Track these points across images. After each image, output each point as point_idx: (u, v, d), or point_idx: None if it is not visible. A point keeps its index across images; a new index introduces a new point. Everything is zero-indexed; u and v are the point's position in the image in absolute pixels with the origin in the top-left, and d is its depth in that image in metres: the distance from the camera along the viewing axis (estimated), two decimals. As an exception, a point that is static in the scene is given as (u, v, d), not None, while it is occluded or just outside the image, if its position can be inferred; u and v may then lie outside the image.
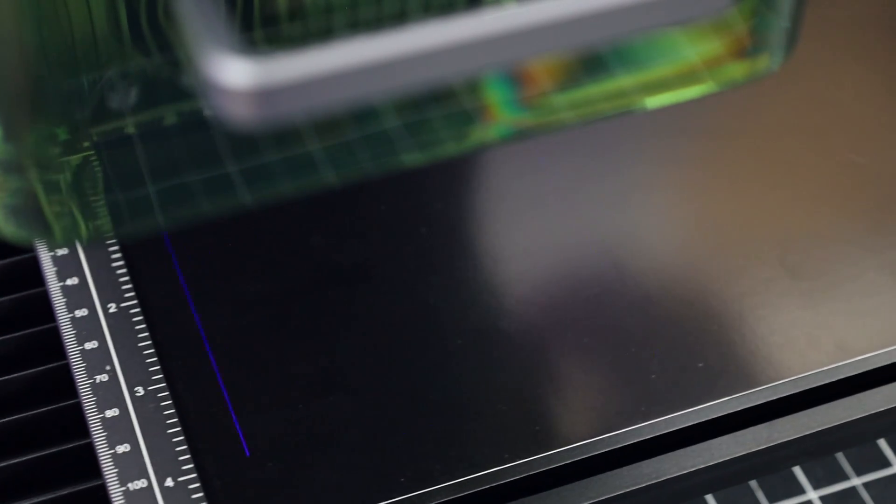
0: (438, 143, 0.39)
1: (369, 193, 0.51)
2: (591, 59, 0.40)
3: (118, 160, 0.38)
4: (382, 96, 0.31)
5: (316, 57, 0.31)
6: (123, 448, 0.44)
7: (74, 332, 0.47)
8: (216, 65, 0.30)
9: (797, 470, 0.59)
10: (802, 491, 0.59)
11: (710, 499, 0.58)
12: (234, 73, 0.30)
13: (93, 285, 0.48)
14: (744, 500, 0.58)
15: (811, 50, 0.56)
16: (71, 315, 0.47)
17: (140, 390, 0.46)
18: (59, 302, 0.48)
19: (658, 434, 0.46)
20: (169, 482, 0.44)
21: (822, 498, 0.59)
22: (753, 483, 0.59)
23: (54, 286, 0.48)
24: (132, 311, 0.48)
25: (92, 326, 0.47)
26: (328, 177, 0.38)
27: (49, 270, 0.48)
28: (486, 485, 0.44)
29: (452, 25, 0.31)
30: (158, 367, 0.46)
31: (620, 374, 0.47)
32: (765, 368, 0.47)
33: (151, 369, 0.46)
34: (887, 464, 0.60)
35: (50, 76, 0.37)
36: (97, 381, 0.46)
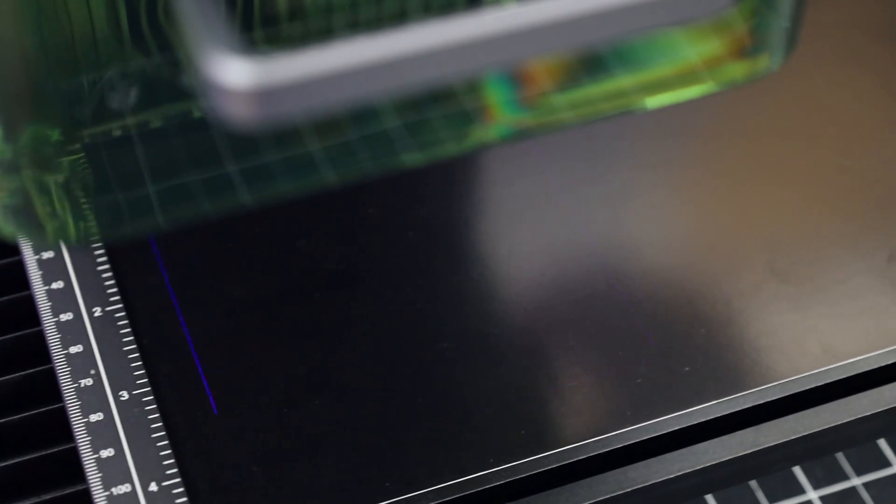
0: (438, 143, 0.39)
1: (357, 197, 0.51)
2: (591, 59, 0.40)
3: (118, 160, 0.38)
4: (382, 96, 0.31)
5: (316, 57, 0.31)
6: (107, 452, 0.44)
7: (59, 336, 0.47)
8: (216, 65, 0.30)
9: (797, 470, 0.59)
10: (802, 491, 0.59)
11: (710, 499, 0.58)
12: (234, 73, 0.30)
13: (78, 289, 0.48)
14: (744, 500, 0.58)
15: (800, 53, 0.55)
16: (56, 319, 0.47)
17: (125, 394, 0.46)
18: (45, 306, 0.48)
19: (645, 438, 0.46)
20: (153, 487, 0.44)
21: (822, 498, 0.59)
22: (753, 483, 0.59)
23: (39, 290, 0.48)
24: (117, 315, 0.47)
25: (77, 330, 0.47)
26: (328, 177, 0.38)
27: (34, 274, 0.48)
28: (472, 489, 0.44)
29: (452, 25, 0.31)
30: (143, 372, 0.46)
31: (607, 378, 0.47)
32: (752, 372, 0.47)
33: (136, 373, 0.46)
34: (887, 464, 0.60)
35: (50, 76, 0.37)
36: (82, 386, 0.46)
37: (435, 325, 0.48)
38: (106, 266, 0.49)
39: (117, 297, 0.48)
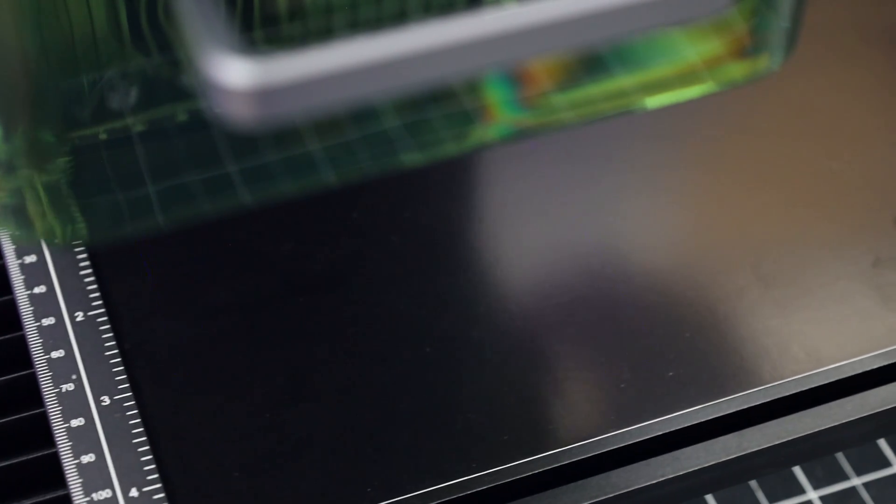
0: (438, 143, 0.39)
1: (340, 201, 0.51)
2: (591, 59, 0.40)
3: (118, 160, 0.38)
4: (382, 96, 0.31)
5: (316, 57, 0.31)
6: (88, 458, 0.44)
7: (41, 341, 0.47)
8: (216, 65, 0.30)
9: (797, 470, 0.59)
10: (802, 491, 0.59)
11: (710, 499, 0.58)
12: (234, 73, 0.30)
13: (60, 294, 0.48)
14: (744, 500, 0.58)
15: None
16: (38, 323, 0.47)
17: (106, 399, 0.45)
18: (27, 310, 0.47)
19: (628, 443, 0.45)
20: (133, 492, 0.44)
21: (822, 498, 0.59)
22: (753, 483, 0.59)
23: (22, 294, 0.48)
24: (99, 320, 0.47)
25: (59, 335, 0.47)
26: (328, 177, 0.38)
27: (17, 279, 0.48)
28: (454, 494, 0.44)
29: (452, 25, 0.31)
30: (125, 377, 0.46)
31: (591, 383, 0.47)
32: (736, 377, 0.47)
33: (118, 378, 0.46)
34: (887, 464, 0.60)
35: (50, 76, 0.37)
36: (63, 391, 0.46)
37: (419, 329, 0.48)
38: (89, 270, 0.48)
39: (100, 302, 0.48)
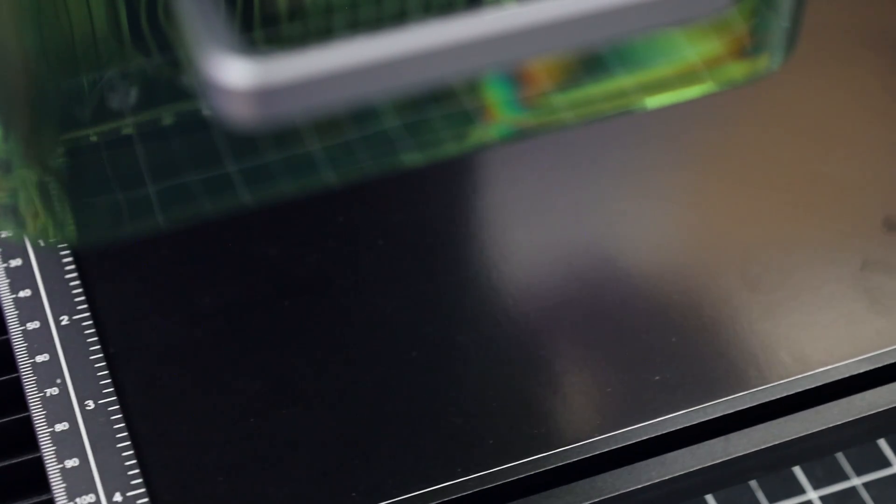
0: (438, 143, 0.39)
1: (327, 205, 0.51)
2: (591, 59, 0.40)
3: (118, 160, 0.38)
4: (382, 96, 0.31)
5: (316, 57, 0.31)
6: (72, 462, 0.44)
7: (26, 346, 0.46)
8: (216, 65, 0.30)
9: (797, 470, 0.59)
10: (802, 491, 0.59)
11: (710, 499, 0.58)
12: (234, 73, 0.30)
13: (45, 297, 0.48)
14: (744, 500, 0.58)
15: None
16: (23, 328, 0.47)
17: (90, 404, 0.45)
18: (12, 314, 0.47)
19: (614, 448, 0.45)
20: (118, 497, 0.43)
21: (822, 498, 0.59)
22: (753, 483, 0.59)
23: (7, 298, 0.48)
24: (84, 324, 0.47)
25: (44, 339, 0.47)
26: (328, 177, 0.38)
27: (2, 282, 0.48)
28: (439, 499, 0.44)
29: (452, 25, 0.31)
30: (109, 381, 0.46)
31: (577, 387, 0.47)
32: (722, 381, 0.47)
33: (102, 382, 0.46)
34: (887, 464, 0.60)
35: (50, 76, 0.37)
36: (47, 395, 0.45)
37: (406, 333, 0.48)
38: (74, 274, 0.48)
39: (85, 306, 0.48)
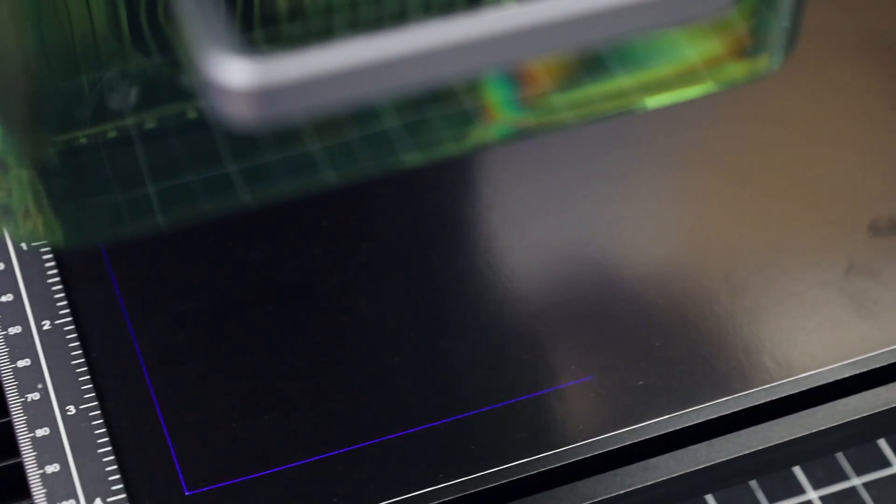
0: (438, 143, 0.39)
1: (310, 209, 0.51)
2: (591, 59, 0.40)
3: (118, 160, 0.38)
4: (382, 96, 0.31)
5: (316, 57, 0.31)
6: (53, 468, 0.44)
7: (7, 350, 0.46)
8: (216, 65, 0.30)
9: (797, 470, 0.59)
10: (802, 491, 0.59)
11: (710, 499, 0.58)
12: (234, 73, 0.30)
13: (27, 302, 0.48)
14: (744, 500, 0.58)
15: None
16: (4, 332, 0.47)
17: (72, 409, 0.45)
18: None
19: (596, 453, 0.45)
20: (97, 502, 0.43)
21: (822, 498, 0.59)
22: (753, 483, 0.59)
23: None
24: (66, 329, 0.47)
25: (25, 344, 0.47)
26: (328, 177, 0.38)
27: (-17, 288, 0.48)
28: None
29: (452, 25, 0.31)
30: (91, 386, 0.46)
31: (560, 393, 0.46)
32: (706, 386, 0.47)
33: (84, 388, 0.46)
34: (887, 464, 0.60)
35: (50, 76, 0.37)
36: (29, 400, 0.45)
37: (388, 338, 0.48)
38: (56, 279, 0.48)
39: (67, 311, 0.47)
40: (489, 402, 0.46)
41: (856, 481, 0.59)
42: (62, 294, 0.48)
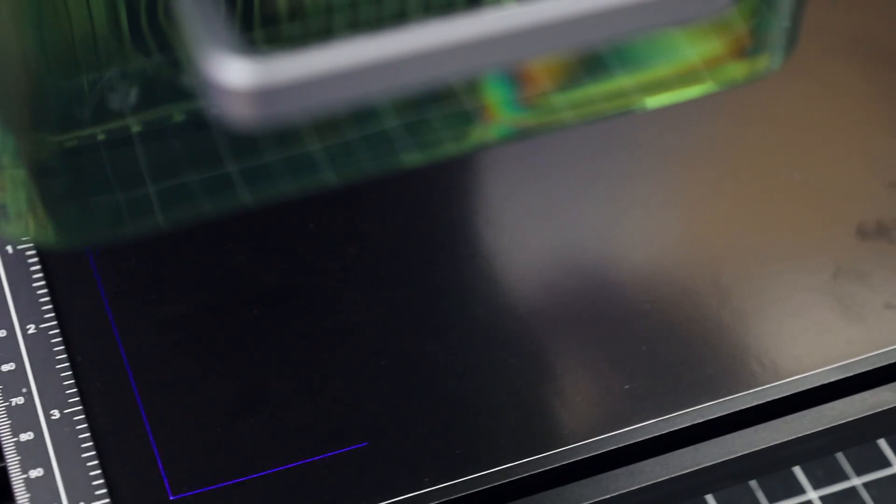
0: (438, 143, 0.39)
1: (297, 212, 0.51)
2: (591, 59, 0.40)
3: (118, 160, 0.38)
4: (382, 96, 0.31)
5: (316, 57, 0.31)
6: (37, 473, 0.44)
7: None
8: (216, 65, 0.30)
9: (797, 470, 0.59)
10: (802, 491, 0.59)
11: (710, 499, 0.58)
12: (235, 73, 0.30)
13: (12, 306, 0.47)
14: (744, 500, 0.58)
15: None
16: None
17: (56, 413, 0.45)
18: None
19: (582, 457, 0.45)
20: None
21: (822, 498, 0.59)
22: (753, 483, 0.59)
23: None
24: (51, 333, 0.47)
25: (10, 348, 0.46)
26: (328, 177, 0.38)
27: (-32, 293, 0.48)
28: None
29: (452, 25, 0.31)
30: (75, 390, 0.46)
31: (545, 397, 0.46)
32: (692, 390, 0.46)
33: (68, 392, 0.46)
34: (887, 464, 0.60)
35: (50, 76, 0.37)
36: (13, 404, 0.45)
37: (374, 342, 0.47)
38: (42, 283, 0.48)
39: (52, 315, 0.47)
40: (474, 407, 0.46)
41: (856, 481, 0.59)
42: (47, 298, 0.48)
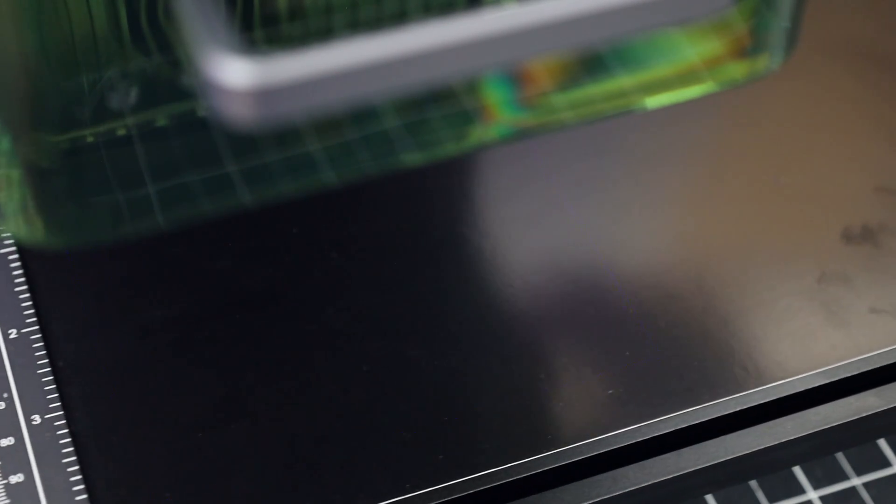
0: (438, 143, 0.39)
1: (280, 216, 0.50)
2: (591, 59, 0.40)
3: (118, 160, 0.38)
4: (382, 96, 0.31)
5: (316, 57, 0.31)
6: (17, 478, 0.44)
7: None
8: (216, 65, 0.30)
9: (797, 470, 0.59)
10: (802, 491, 0.59)
11: (710, 499, 0.58)
12: (234, 73, 0.30)
13: None
14: (744, 500, 0.58)
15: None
16: None
17: (37, 419, 0.45)
18: None
19: (564, 462, 0.45)
20: None
21: (822, 498, 0.59)
22: (753, 483, 0.59)
23: None
24: (33, 337, 0.47)
25: None
26: (328, 177, 0.38)
27: (-51, 296, 0.48)
28: None
29: (452, 25, 0.31)
30: (57, 395, 0.46)
31: (527, 402, 0.46)
32: (675, 395, 0.46)
33: (49, 397, 0.46)
34: (887, 464, 0.60)
35: (50, 76, 0.37)
36: None
37: (356, 347, 0.47)
38: (24, 287, 0.48)
39: (34, 319, 0.47)
40: (455, 412, 0.46)
41: (856, 481, 0.59)
42: (29, 302, 0.48)
